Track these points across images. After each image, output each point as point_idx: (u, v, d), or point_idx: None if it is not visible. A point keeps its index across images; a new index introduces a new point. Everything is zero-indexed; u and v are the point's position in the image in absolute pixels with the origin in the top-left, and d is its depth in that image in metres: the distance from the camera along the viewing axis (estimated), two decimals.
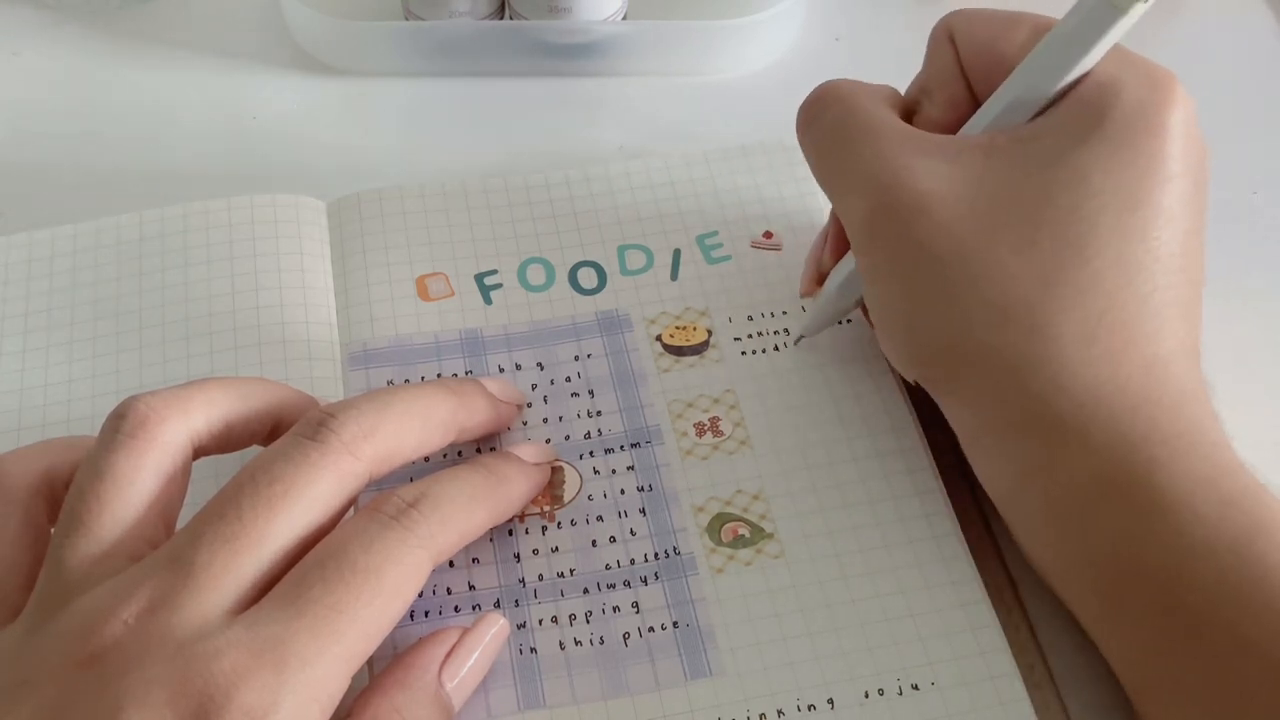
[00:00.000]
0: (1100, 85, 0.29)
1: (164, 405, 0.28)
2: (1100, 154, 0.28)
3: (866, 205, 0.30)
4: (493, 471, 0.32)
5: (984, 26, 0.32)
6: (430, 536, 0.28)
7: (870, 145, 0.30)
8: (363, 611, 0.26)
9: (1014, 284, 0.28)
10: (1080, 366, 0.28)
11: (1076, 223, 0.28)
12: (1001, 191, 0.29)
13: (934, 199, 0.29)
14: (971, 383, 0.29)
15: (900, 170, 0.29)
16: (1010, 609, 0.32)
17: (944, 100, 0.32)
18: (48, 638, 0.25)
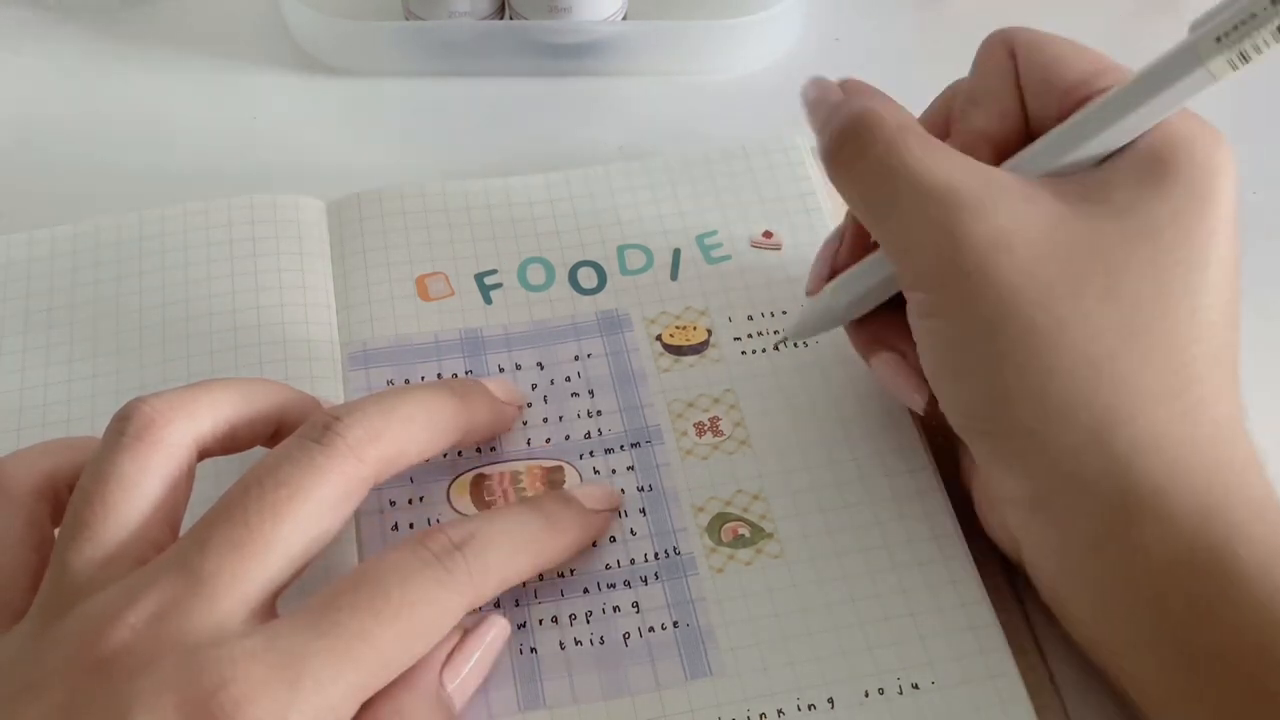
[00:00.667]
0: (1169, 141, 0.28)
1: (168, 407, 0.28)
2: (1172, 209, 0.27)
3: (935, 252, 0.28)
4: (548, 518, 0.31)
5: (1049, 45, 0.31)
6: (469, 582, 0.28)
7: (931, 192, 0.28)
8: (387, 645, 0.26)
9: (1100, 334, 0.27)
10: (1161, 425, 0.27)
11: (1154, 275, 0.27)
12: (1080, 237, 0.27)
13: (1016, 235, 0.27)
14: (1049, 440, 0.27)
15: (975, 208, 0.28)
16: (1010, 608, 0.32)
17: (995, 111, 0.31)
18: (54, 641, 0.25)
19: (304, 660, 0.25)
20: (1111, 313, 0.27)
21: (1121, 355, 0.27)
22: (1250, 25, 0.25)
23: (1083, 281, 0.27)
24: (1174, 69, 0.27)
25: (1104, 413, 0.27)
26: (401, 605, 0.26)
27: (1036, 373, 0.27)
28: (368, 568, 0.27)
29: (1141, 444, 0.27)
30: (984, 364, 0.28)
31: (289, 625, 0.26)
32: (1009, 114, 0.31)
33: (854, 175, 0.31)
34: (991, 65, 0.32)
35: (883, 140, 0.30)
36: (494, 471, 0.34)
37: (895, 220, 0.29)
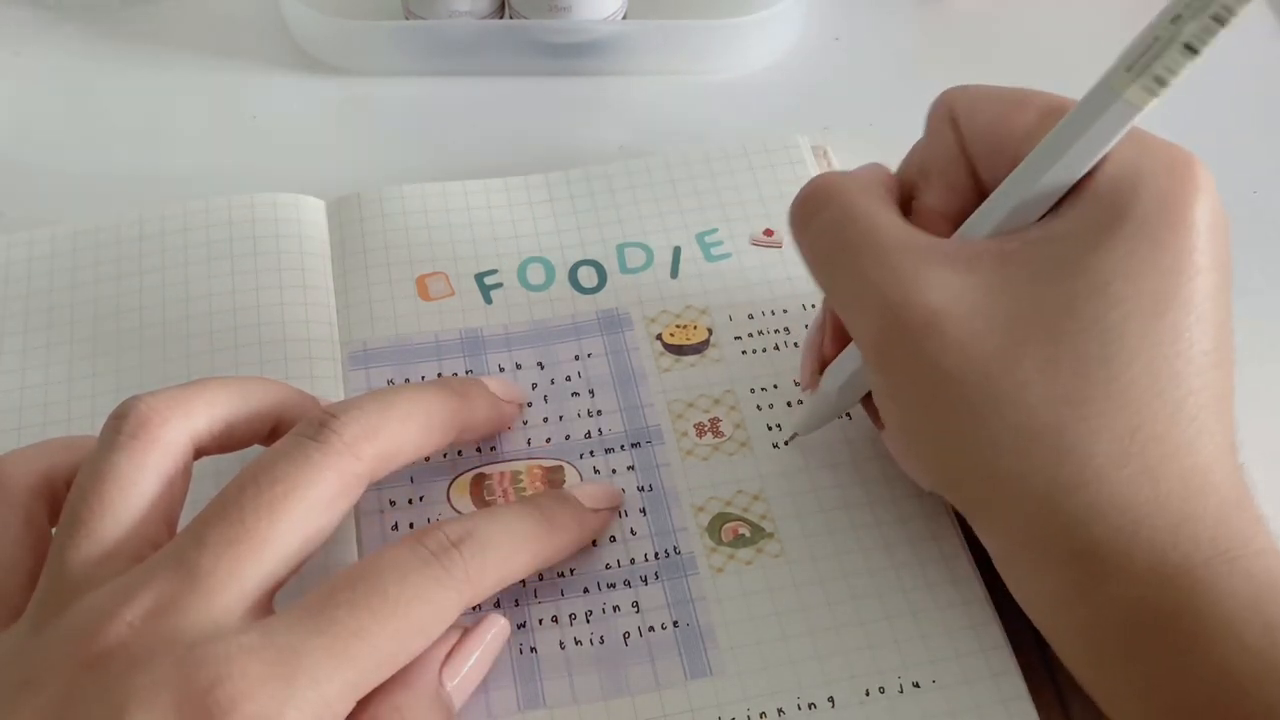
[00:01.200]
0: (1116, 180, 0.27)
1: (165, 406, 0.28)
2: (1121, 257, 0.26)
3: (875, 323, 0.28)
4: (546, 516, 0.31)
5: (988, 106, 0.30)
6: (466, 580, 0.28)
7: (873, 255, 0.28)
8: (383, 642, 0.26)
9: (1040, 405, 0.26)
10: (1116, 488, 0.26)
11: (1100, 335, 0.26)
12: (1018, 305, 0.27)
13: (947, 316, 0.27)
14: (1002, 508, 0.27)
15: (910, 283, 0.27)
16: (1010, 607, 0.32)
17: (943, 185, 0.30)
18: (51, 638, 0.25)
19: (300, 657, 0.25)
20: (1051, 383, 0.26)
21: (1067, 425, 0.26)
22: (1156, 48, 0.25)
23: (1019, 353, 0.26)
24: (1094, 106, 0.26)
25: (1050, 484, 0.26)
26: (399, 603, 0.26)
27: (979, 448, 0.27)
28: (365, 565, 0.27)
29: (1097, 509, 0.26)
30: (930, 440, 0.28)
31: (285, 622, 0.25)
32: (958, 186, 0.30)
33: (808, 238, 0.30)
34: (936, 136, 0.31)
35: (835, 203, 0.30)
36: (494, 471, 0.34)
37: (842, 291, 0.29)
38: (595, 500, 0.33)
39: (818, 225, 0.30)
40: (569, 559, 0.32)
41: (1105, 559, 0.26)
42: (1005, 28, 0.49)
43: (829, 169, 0.42)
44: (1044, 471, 0.26)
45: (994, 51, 0.48)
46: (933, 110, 0.31)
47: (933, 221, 0.30)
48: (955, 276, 0.27)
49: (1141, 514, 0.26)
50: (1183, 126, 0.30)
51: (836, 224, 0.29)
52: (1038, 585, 0.28)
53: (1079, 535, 0.26)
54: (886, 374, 0.28)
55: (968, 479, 0.28)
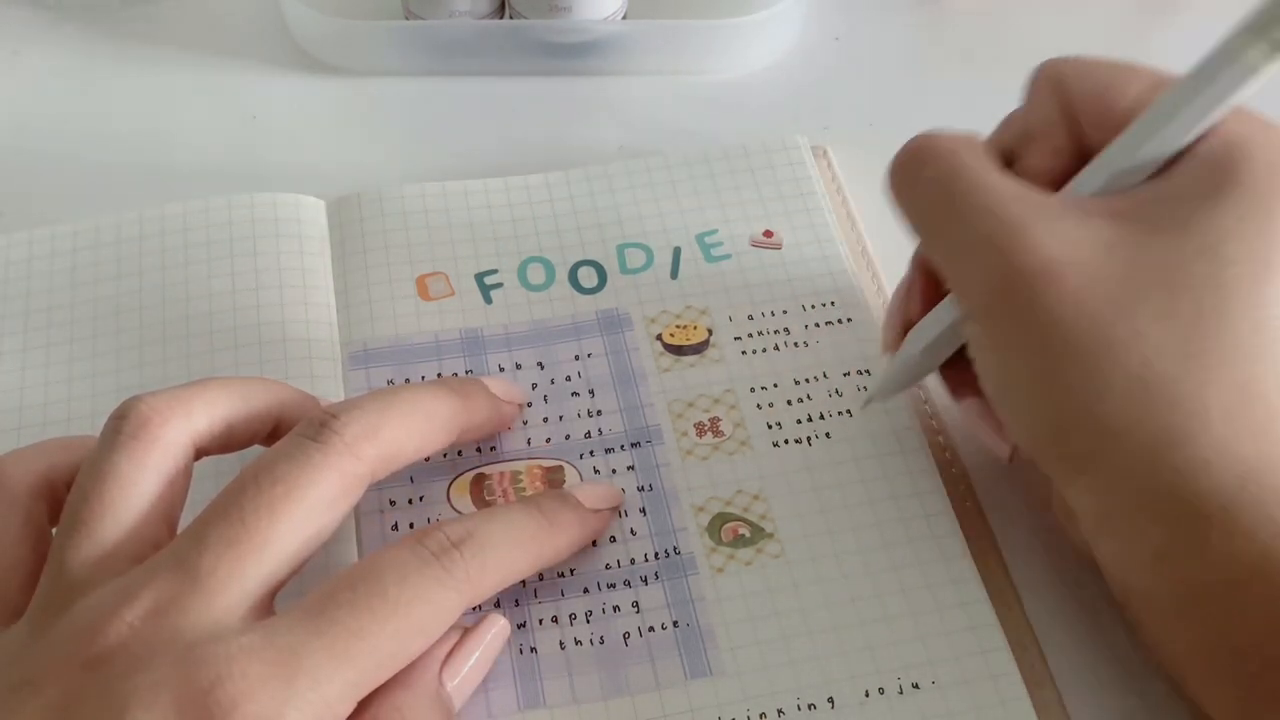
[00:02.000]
0: (1228, 145, 0.27)
1: (165, 406, 0.28)
2: (1233, 220, 0.27)
3: (986, 270, 0.28)
4: (547, 516, 0.31)
5: (1097, 74, 0.30)
6: (467, 580, 0.28)
7: (985, 207, 0.28)
8: (383, 643, 0.26)
9: (1155, 355, 0.26)
10: (1225, 442, 0.26)
11: (1214, 291, 0.26)
12: (1134, 258, 0.27)
13: (1064, 265, 0.27)
14: (1107, 460, 0.27)
15: (1024, 234, 0.27)
16: (1010, 607, 0.32)
17: (1049, 149, 0.30)
18: (51, 638, 0.25)
19: (301, 657, 0.25)
20: (1167, 333, 0.26)
21: (1180, 376, 0.26)
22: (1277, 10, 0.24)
23: (1136, 303, 0.27)
24: (1212, 67, 0.26)
25: (1161, 433, 0.26)
26: (399, 603, 0.26)
27: (1088, 397, 0.27)
28: (366, 565, 0.27)
29: (1204, 462, 0.26)
30: (1036, 392, 0.28)
31: (286, 622, 0.25)
32: (1063, 150, 0.30)
33: (912, 195, 0.31)
34: (1040, 100, 0.31)
35: (942, 160, 0.30)
36: (494, 471, 0.34)
37: (949, 245, 0.29)
38: (596, 500, 0.33)
39: (925, 180, 0.30)
40: (569, 559, 0.32)
41: (1209, 515, 0.26)
42: (1005, 28, 0.49)
43: (829, 169, 0.42)
44: (1156, 420, 0.26)
45: (993, 51, 0.48)
46: (1036, 76, 0.31)
47: (1035, 184, 0.30)
48: (1071, 228, 0.27)
49: (1249, 469, 0.26)
50: None
51: (945, 178, 0.29)
52: (1137, 542, 0.27)
53: (1186, 488, 0.26)
54: (997, 324, 0.28)
55: (1075, 430, 0.28)
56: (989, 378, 0.30)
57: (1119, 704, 0.30)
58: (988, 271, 0.28)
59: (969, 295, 0.29)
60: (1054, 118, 0.30)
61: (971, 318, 0.29)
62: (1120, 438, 0.27)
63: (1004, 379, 0.29)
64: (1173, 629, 0.28)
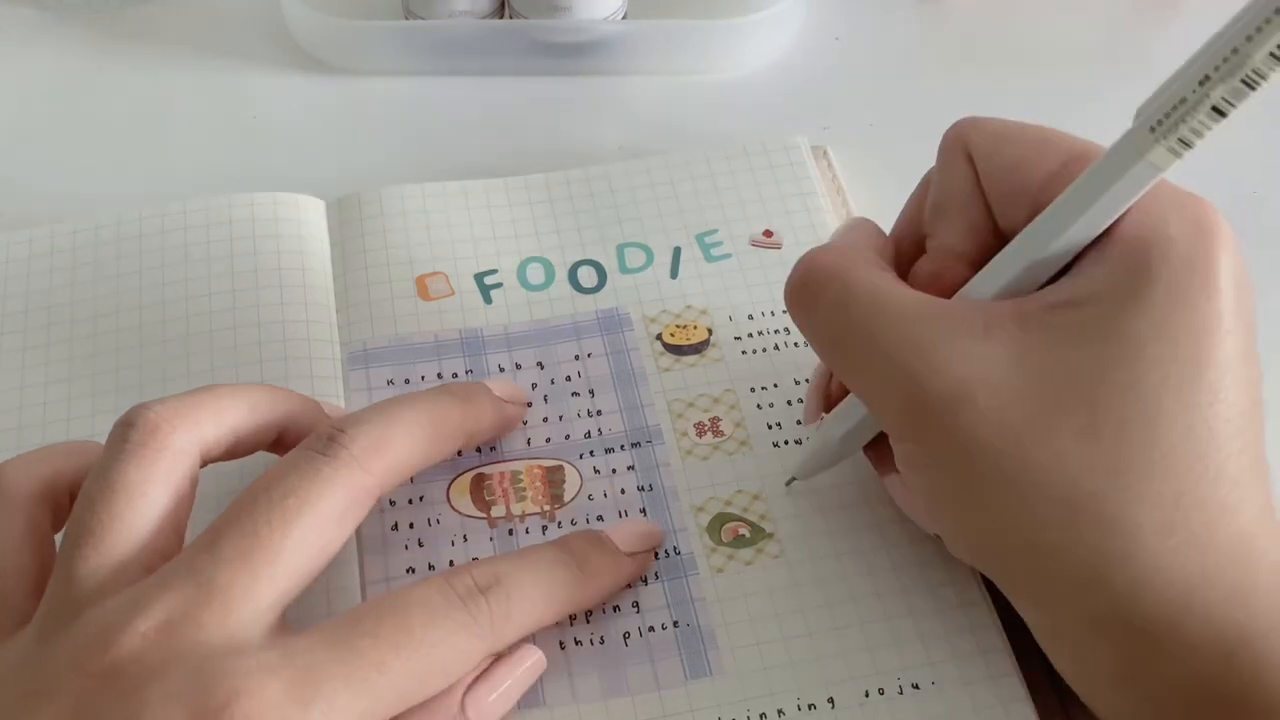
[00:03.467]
0: (1139, 238, 0.26)
1: (173, 414, 0.28)
2: (1153, 321, 0.25)
3: (898, 399, 0.27)
4: (579, 561, 0.30)
5: (1007, 149, 0.29)
6: (491, 628, 0.28)
7: (887, 330, 0.27)
8: (402, 679, 0.26)
9: (1080, 475, 0.25)
10: (1164, 559, 0.25)
11: (1137, 400, 0.25)
12: (1048, 371, 0.26)
13: (976, 385, 0.26)
14: (1045, 583, 0.26)
15: (931, 355, 0.26)
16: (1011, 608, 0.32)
17: (963, 226, 0.29)
18: (61, 648, 0.25)
19: (320, 682, 0.25)
20: (1091, 451, 0.25)
21: (1108, 495, 0.25)
22: (1182, 110, 0.23)
23: (1055, 421, 0.25)
24: (1116, 165, 0.25)
25: (1096, 555, 0.25)
26: (422, 643, 0.26)
27: (1018, 521, 0.26)
28: (394, 598, 0.27)
29: (1146, 581, 0.25)
30: (966, 514, 0.27)
31: (306, 643, 0.25)
32: (977, 227, 0.29)
33: (810, 323, 0.30)
34: (952, 173, 0.30)
35: (834, 284, 0.28)
36: (494, 471, 0.34)
37: (855, 372, 0.28)
38: (632, 542, 0.32)
39: (822, 310, 0.29)
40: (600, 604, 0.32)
41: (1158, 634, 0.25)
42: (1004, 27, 0.49)
43: (829, 169, 0.42)
44: (1088, 543, 0.25)
45: (993, 51, 0.48)
46: (946, 143, 0.30)
47: (948, 262, 0.29)
48: (979, 345, 0.26)
49: (1192, 585, 0.25)
50: None
51: (841, 305, 0.28)
52: (1089, 663, 0.27)
53: (1129, 609, 0.25)
54: (915, 444, 0.27)
55: (1007, 553, 0.27)
56: (918, 494, 0.29)
57: None
58: (898, 397, 0.27)
59: (885, 418, 0.28)
60: (967, 193, 0.29)
61: (894, 438, 0.28)
62: (1054, 561, 0.26)
63: (931, 499, 0.28)
64: None
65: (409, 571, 0.32)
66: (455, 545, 0.33)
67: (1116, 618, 0.25)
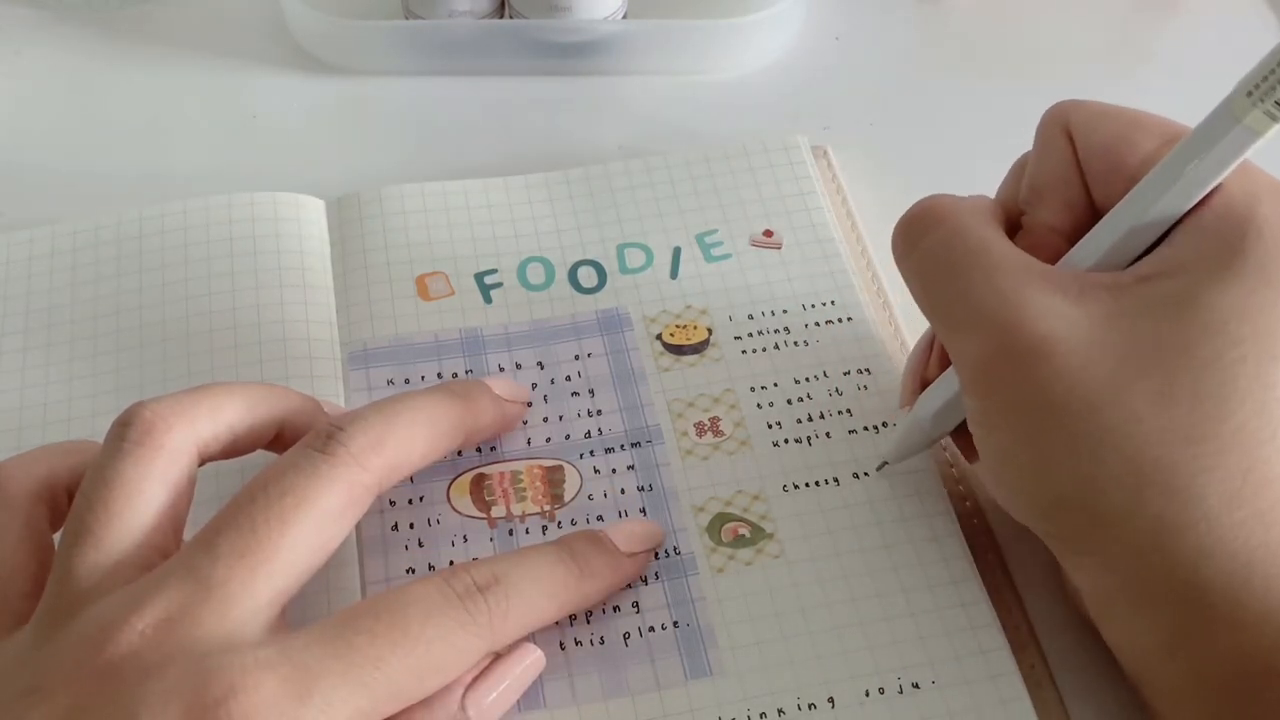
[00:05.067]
0: (1233, 214, 0.26)
1: (170, 412, 0.28)
2: (1239, 296, 0.25)
3: (981, 345, 0.27)
4: (579, 562, 0.30)
5: (1106, 126, 0.29)
6: (490, 627, 0.28)
7: (984, 277, 0.27)
8: (400, 676, 0.26)
9: (1151, 440, 0.25)
10: (1228, 531, 0.25)
11: (1216, 373, 0.25)
12: (1132, 337, 0.26)
13: (1059, 343, 0.26)
14: (1104, 545, 0.26)
15: (1020, 308, 0.26)
16: (1010, 608, 0.32)
17: (1060, 203, 0.29)
18: (59, 646, 0.25)
19: (316, 678, 0.25)
20: (1166, 417, 0.25)
21: (1178, 463, 0.25)
22: (1278, 74, 0.24)
23: (1133, 384, 0.25)
24: (1213, 131, 0.25)
25: (1159, 521, 0.25)
26: (420, 640, 0.26)
27: (1081, 482, 0.26)
28: (391, 596, 0.27)
29: (1205, 552, 0.25)
30: (1029, 474, 0.27)
31: (304, 640, 0.25)
32: (1075, 203, 0.29)
33: (912, 260, 0.30)
34: (1051, 151, 0.30)
35: (944, 226, 0.29)
36: (494, 471, 0.34)
37: (946, 314, 0.29)
38: (632, 542, 0.32)
39: (926, 246, 0.29)
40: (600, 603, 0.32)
41: (1215, 605, 0.25)
42: (1004, 27, 0.49)
43: (829, 169, 0.42)
44: (1152, 508, 0.25)
45: (993, 51, 0.48)
46: (1045, 123, 0.30)
47: (1045, 238, 0.29)
48: (1068, 304, 0.26)
49: (1254, 559, 0.25)
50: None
51: (945, 245, 0.29)
52: (1139, 630, 0.27)
53: (1187, 579, 0.25)
54: (989, 399, 0.27)
55: (1070, 513, 0.27)
56: (984, 456, 0.29)
57: (1119, 704, 0.30)
58: (981, 346, 0.27)
59: (963, 368, 0.28)
60: (1065, 171, 0.29)
61: (967, 393, 0.28)
62: (1117, 525, 0.26)
63: (998, 459, 0.28)
64: (1185, 712, 0.26)
65: (409, 572, 0.32)
66: (455, 545, 0.33)
67: (1174, 585, 0.25)
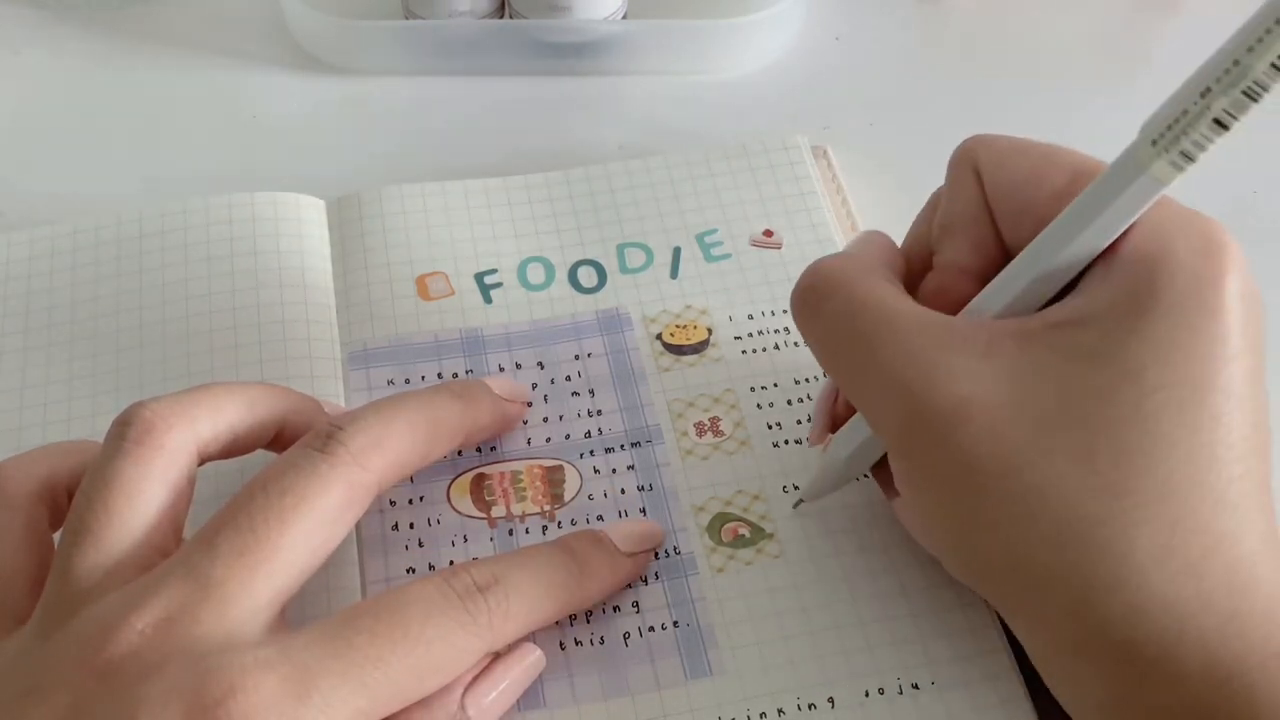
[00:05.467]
0: (1143, 256, 0.25)
1: (169, 412, 0.28)
2: (1155, 342, 0.25)
3: (898, 412, 0.27)
4: (579, 562, 0.30)
5: (1014, 163, 0.28)
6: (490, 627, 0.28)
7: (887, 344, 0.27)
8: (400, 675, 0.26)
9: (1076, 497, 0.25)
10: (1159, 586, 0.24)
11: (1137, 424, 0.25)
12: (1048, 392, 0.25)
13: (975, 404, 0.25)
14: (1036, 605, 0.26)
15: (929, 372, 0.26)
16: None
17: (969, 243, 0.29)
18: (59, 645, 0.25)
19: (316, 677, 0.25)
20: (1090, 474, 0.25)
21: (1105, 519, 0.24)
22: (1184, 123, 0.23)
23: (1053, 442, 0.25)
24: (1119, 179, 0.25)
25: (1091, 580, 0.25)
26: (419, 639, 0.26)
27: (1012, 542, 0.25)
28: (391, 595, 0.27)
29: (1139, 608, 0.24)
30: (961, 534, 0.27)
31: (303, 640, 0.25)
32: (984, 243, 0.29)
33: (814, 330, 0.29)
34: (960, 190, 0.29)
35: (840, 292, 0.28)
36: (494, 471, 0.34)
37: (856, 382, 0.28)
38: (631, 542, 0.32)
39: (826, 317, 0.29)
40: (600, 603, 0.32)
41: (1151, 661, 0.24)
42: (1004, 27, 0.49)
43: (829, 169, 0.42)
44: (1082, 568, 0.25)
45: (993, 51, 0.48)
46: (955, 160, 0.30)
47: (954, 279, 0.29)
48: (979, 363, 0.26)
49: (1187, 612, 0.24)
50: None
51: (845, 314, 0.28)
52: (1079, 688, 0.26)
53: (1121, 636, 0.25)
54: (910, 462, 0.27)
55: (1000, 573, 0.26)
56: (912, 517, 0.29)
57: None
58: (897, 412, 0.27)
59: (882, 432, 0.28)
60: (974, 210, 0.29)
61: (891, 455, 0.28)
62: (1048, 585, 0.25)
63: (924, 521, 0.28)
64: None
65: (409, 571, 0.32)
66: (455, 545, 0.33)
67: (1108, 644, 0.25)
